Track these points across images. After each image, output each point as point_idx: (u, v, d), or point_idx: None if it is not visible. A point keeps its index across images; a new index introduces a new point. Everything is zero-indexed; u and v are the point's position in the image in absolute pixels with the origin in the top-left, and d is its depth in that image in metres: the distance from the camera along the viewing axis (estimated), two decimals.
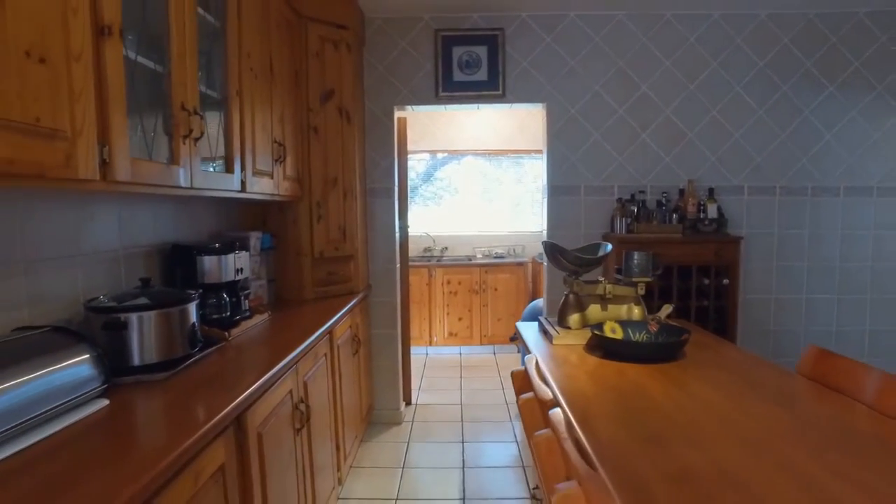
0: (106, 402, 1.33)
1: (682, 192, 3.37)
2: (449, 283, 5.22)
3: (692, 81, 3.39)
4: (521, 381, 1.65)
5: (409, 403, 3.89)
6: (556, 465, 1.32)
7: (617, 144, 3.41)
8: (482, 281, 5.22)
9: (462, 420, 3.62)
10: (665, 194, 3.37)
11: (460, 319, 5.23)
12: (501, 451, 3.15)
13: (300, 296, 2.89)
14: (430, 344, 5.26)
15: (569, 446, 1.10)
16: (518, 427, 3.45)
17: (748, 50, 3.37)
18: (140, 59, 1.45)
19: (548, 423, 1.30)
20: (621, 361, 1.71)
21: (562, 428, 1.18)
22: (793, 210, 3.47)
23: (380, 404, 3.56)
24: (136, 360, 1.55)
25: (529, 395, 1.64)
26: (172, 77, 1.57)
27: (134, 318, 1.55)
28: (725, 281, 3.21)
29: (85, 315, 1.57)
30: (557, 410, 1.27)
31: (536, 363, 1.68)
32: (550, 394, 1.44)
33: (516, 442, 3.26)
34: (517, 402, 1.68)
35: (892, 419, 1.28)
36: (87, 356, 1.32)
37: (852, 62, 3.36)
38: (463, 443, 3.26)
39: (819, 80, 3.38)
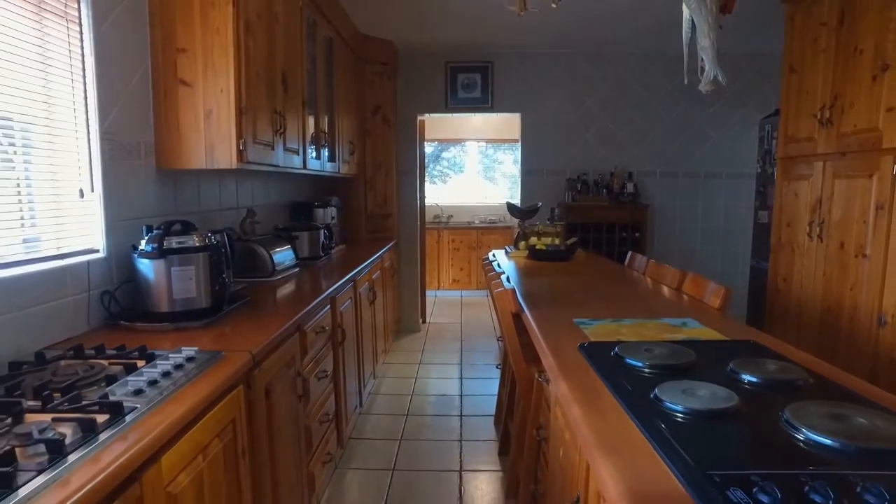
0: (297, 268, 2.95)
1: (612, 174, 4.94)
2: (453, 241, 6.84)
3: (621, 98, 4.94)
4: (488, 267, 3.25)
5: (424, 322, 5.54)
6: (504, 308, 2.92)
7: (569, 142, 4.98)
8: (479, 240, 6.84)
9: (461, 331, 5.27)
10: (600, 175, 4.95)
11: (462, 269, 6.87)
12: (486, 344, 4.81)
13: (358, 239, 4.51)
14: (439, 288, 6.90)
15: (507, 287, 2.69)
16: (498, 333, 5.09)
17: (660, 77, 4.91)
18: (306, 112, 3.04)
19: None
20: (541, 261, 3.32)
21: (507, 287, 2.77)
22: (691, 188, 5.05)
23: (405, 318, 5.20)
24: (301, 255, 3.17)
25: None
26: (318, 116, 3.16)
27: (298, 234, 3.18)
28: (637, 234, 4.81)
29: (274, 233, 3.18)
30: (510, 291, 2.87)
31: (513, 292, 3.27)
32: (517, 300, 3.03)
33: (495, 337, 4.90)
34: (483, 269, 3.26)
35: (636, 272, 2.91)
36: (290, 247, 2.94)
37: (730, 87, 4.89)
38: (461, 341, 4.92)
39: (708, 100, 4.92)
